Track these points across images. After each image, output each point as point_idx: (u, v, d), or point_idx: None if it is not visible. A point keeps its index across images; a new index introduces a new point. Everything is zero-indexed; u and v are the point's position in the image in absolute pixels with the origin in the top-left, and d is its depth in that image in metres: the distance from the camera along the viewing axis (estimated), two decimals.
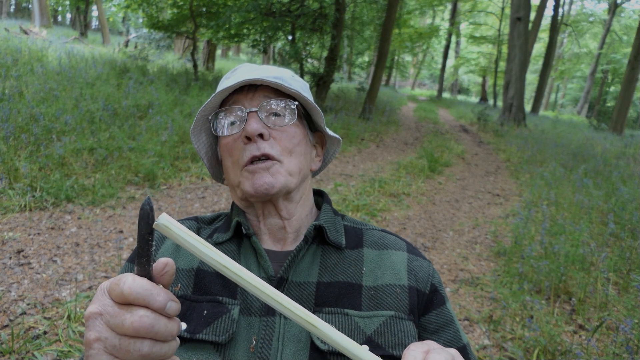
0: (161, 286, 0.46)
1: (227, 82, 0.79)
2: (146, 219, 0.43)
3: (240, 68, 0.84)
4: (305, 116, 0.83)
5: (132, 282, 0.43)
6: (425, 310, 0.76)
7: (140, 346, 0.43)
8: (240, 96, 0.77)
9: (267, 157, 0.74)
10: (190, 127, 0.79)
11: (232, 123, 0.77)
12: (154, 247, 0.44)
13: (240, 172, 0.76)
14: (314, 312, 0.69)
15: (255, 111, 0.75)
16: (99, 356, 0.44)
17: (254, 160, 0.74)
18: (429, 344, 0.51)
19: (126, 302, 0.44)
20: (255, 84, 0.77)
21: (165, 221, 0.44)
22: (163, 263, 0.46)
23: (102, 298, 0.46)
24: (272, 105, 0.76)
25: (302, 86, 0.82)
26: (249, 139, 0.74)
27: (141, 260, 0.44)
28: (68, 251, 3.32)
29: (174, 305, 0.45)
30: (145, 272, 0.45)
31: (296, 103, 0.78)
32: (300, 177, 0.78)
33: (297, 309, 0.47)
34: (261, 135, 0.74)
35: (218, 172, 0.90)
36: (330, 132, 0.85)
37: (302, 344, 0.66)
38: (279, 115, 0.77)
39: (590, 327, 2.85)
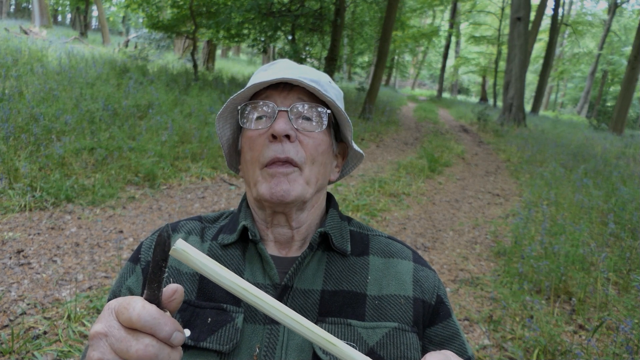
0: (168, 313, 0.46)
1: (264, 75, 0.77)
2: (162, 245, 0.44)
3: (279, 63, 0.82)
4: (333, 125, 0.81)
5: (142, 309, 0.44)
6: (431, 322, 0.76)
7: None
8: (275, 92, 0.75)
9: (289, 162, 0.72)
10: (218, 112, 0.77)
11: (260, 117, 0.75)
12: (166, 274, 0.45)
13: (259, 171, 0.73)
14: (317, 322, 0.69)
15: (286, 111, 0.73)
16: None
17: (275, 161, 0.72)
18: (447, 355, 0.51)
19: (133, 328, 0.44)
20: (291, 83, 0.75)
21: (182, 246, 0.45)
22: (172, 290, 0.47)
23: (109, 319, 0.46)
24: (304, 109, 0.74)
25: (337, 94, 0.80)
26: (274, 137, 0.71)
27: (152, 286, 0.45)
28: (68, 251, 3.32)
29: (179, 336, 0.46)
30: (155, 297, 0.45)
31: (329, 111, 0.76)
32: (317, 186, 0.76)
33: (322, 332, 0.49)
34: (288, 137, 0.72)
35: (235, 161, 0.88)
36: (355, 147, 0.83)
37: (304, 354, 0.66)
38: (309, 120, 0.75)
39: (590, 327, 2.85)
